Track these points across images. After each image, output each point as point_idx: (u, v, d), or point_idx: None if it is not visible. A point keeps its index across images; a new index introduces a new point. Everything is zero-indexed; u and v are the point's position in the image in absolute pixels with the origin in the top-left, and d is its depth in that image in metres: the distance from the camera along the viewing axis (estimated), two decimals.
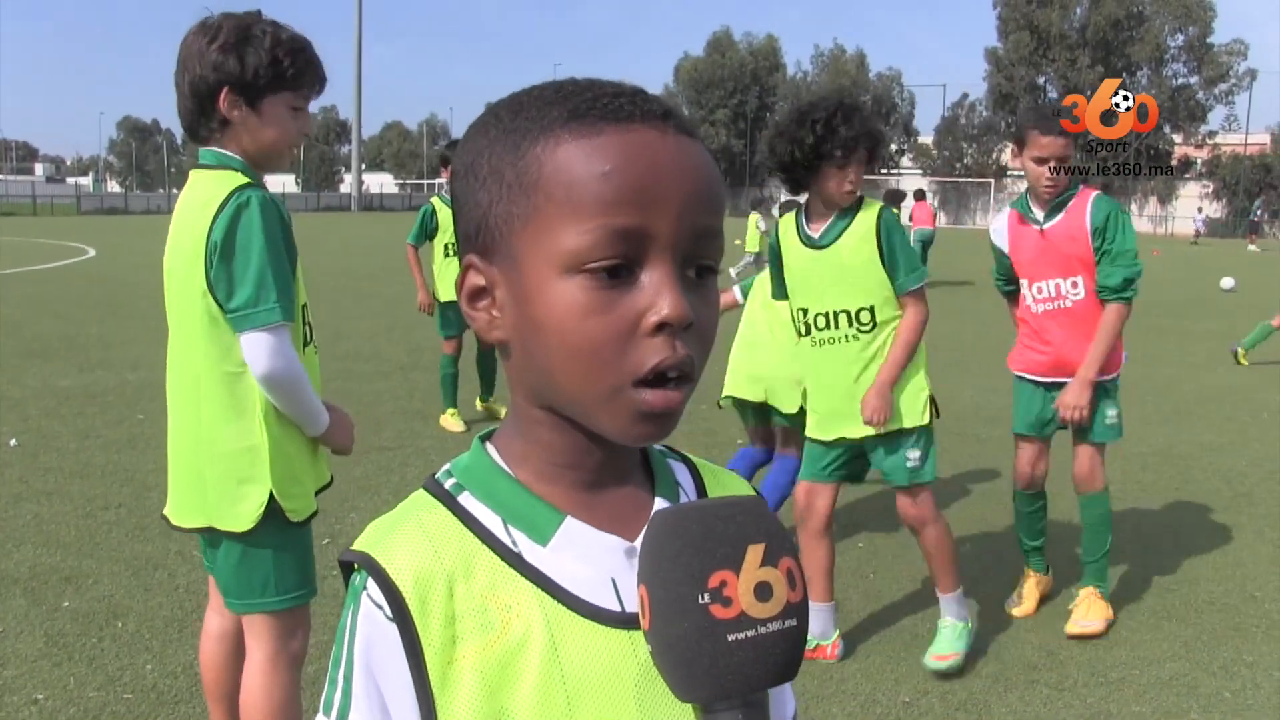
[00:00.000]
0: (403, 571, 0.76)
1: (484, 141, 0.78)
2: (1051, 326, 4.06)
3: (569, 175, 0.73)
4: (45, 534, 4.77)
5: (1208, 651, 3.87)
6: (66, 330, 11.06)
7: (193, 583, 4.22)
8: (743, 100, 72.39)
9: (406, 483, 5.55)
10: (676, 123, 0.76)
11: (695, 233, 0.74)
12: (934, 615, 4.10)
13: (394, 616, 0.75)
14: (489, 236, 0.77)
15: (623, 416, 0.74)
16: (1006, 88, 64.31)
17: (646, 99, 0.77)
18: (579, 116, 0.74)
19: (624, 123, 0.74)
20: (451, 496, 0.81)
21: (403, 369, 9.19)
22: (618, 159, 0.72)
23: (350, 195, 68.00)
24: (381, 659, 0.75)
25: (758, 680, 0.68)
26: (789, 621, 0.68)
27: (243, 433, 2.31)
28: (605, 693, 0.76)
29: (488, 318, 0.79)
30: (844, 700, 3.44)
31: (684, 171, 0.74)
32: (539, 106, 0.76)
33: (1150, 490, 5.99)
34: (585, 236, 0.72)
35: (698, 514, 0.70)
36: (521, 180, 0.75)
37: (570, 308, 0.72)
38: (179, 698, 3.30)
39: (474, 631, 0.75)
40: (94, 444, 6.38)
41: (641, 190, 0.72)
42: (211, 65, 2.24)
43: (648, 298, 0.72)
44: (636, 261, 0.73)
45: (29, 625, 3.81)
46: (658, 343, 0.72)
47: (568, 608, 0.77)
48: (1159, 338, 12.56)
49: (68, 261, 20.82)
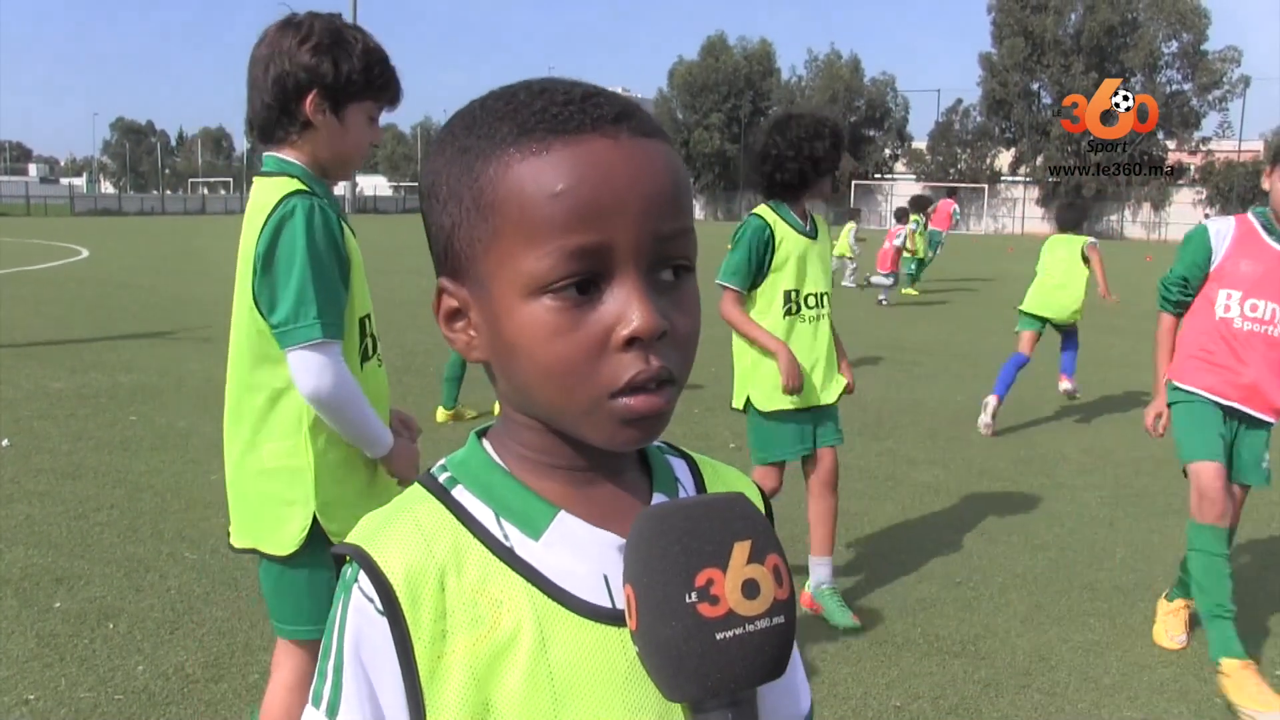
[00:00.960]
0: (394, 565, 0.75)
1: (441, 162, 0.78)
2: (1254, 349, 3.73)
3: (520, 198, 0.72)
4: (37, 535, 4.76)
5: (1199, 657, 3.87)
6: (59, 331, 11.03)
7: (184, 584, 4.21)
8: (737, 104, 72.37)
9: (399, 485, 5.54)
10: (631, 124, 0.74)
11: (659, 238, 0.73)
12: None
13: (384, 610, 0.75)
14: (456, 260, 0.77)
15: (606, 426, 0.74)
16: (1000, 93, 64.38)
17: (598, 103, 0.74)
18: (527, 132, 0.73)
19: (573, 134, 0.72)
20: (445, 490, 0.81)
21: (395, 371, 9.14)
22: (568, 176, 0.71)
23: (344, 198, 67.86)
24: (371, 652, 0.75)
25: (746, 678, 0.68)
26: (777, 619, 0.68)
27: (287, 451, 2.21)
28: (593, 689, 0.76)
29: (466, 339, 0.80)
30: (835, 704, 3.44)
31: (640, 179, 0.72)
32: (490, 122, 0.75)
33: (1145, 496, 6.00)
34: (543, 260, 0.71)
35: (683, 512, 0.70)
36: (479, 203, 0.74)
37: (538, 330, 0.72)
38: (170, 699, 3.30)
39: (464, 626, 0.75)
40: (86, 445, 6.36)
41: (595, 205, 0.71)
42: (303, 65, 2.15)
43: (615, 312, 0.72)
44: (601, 275, 0.72)
45: (20, 626, 3.80)
46: (629, 357, 0.72)
47: (557, 603, 0.77)
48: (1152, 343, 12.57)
49: (61, 262, 20.77)
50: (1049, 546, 5.07)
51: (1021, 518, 5.51)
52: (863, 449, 6.87)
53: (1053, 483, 6.21)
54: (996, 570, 4.71)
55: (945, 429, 7.55)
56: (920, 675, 3.65)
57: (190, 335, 10.91)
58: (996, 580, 4.58)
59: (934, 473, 6.34)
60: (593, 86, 0.77)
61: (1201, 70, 60.45)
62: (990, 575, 4.64)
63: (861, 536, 5.12)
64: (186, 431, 6.76)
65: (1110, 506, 5.78)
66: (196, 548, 4.64)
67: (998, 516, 5.52)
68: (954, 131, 67.35)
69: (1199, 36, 60.33)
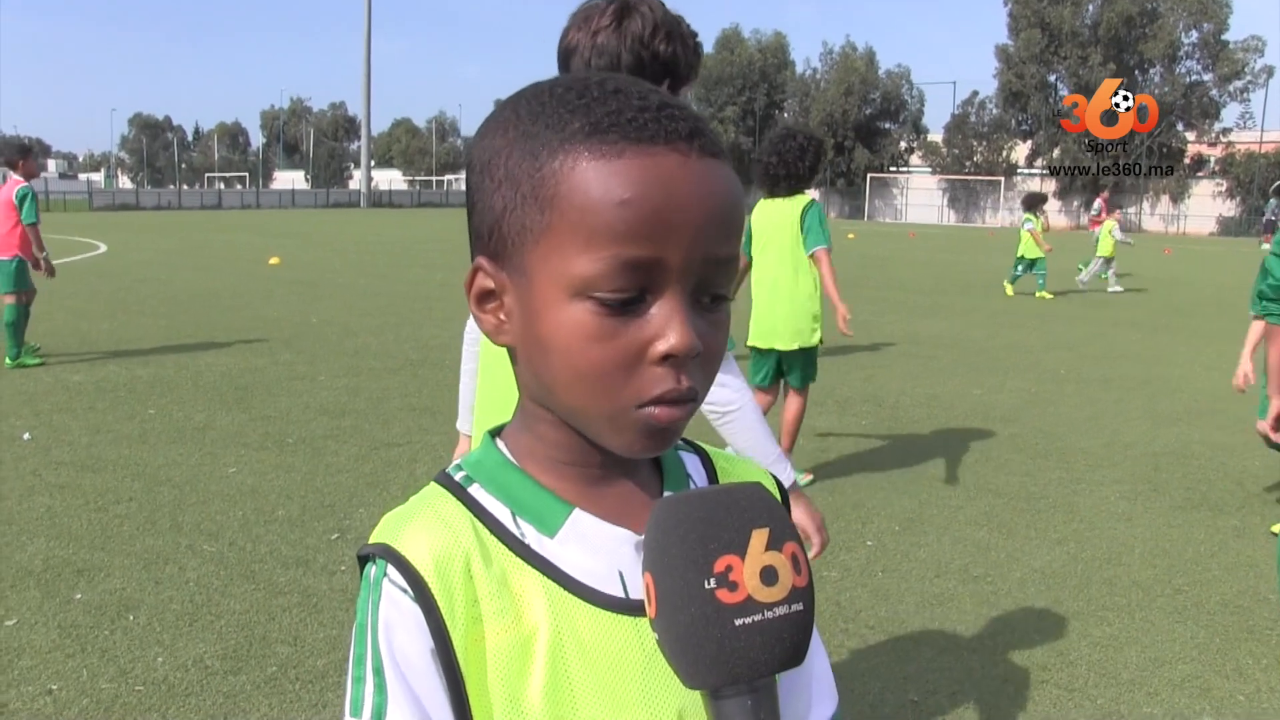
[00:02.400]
0: (421, 554, 0.75)
1: (501, 141, 0.77)
2: None
3: (584, 198, 0.71)
4: (58, 527, 4.79)
5: (1220, 654, 3.85)
6: (79, 325, 11.10)
7: (202, 577, 4.24)
8: (751, 98, 72.20)
9: (415, 479, 5.56)
10: (701, 142, 0.74)
11: (708, 261, 0.73)
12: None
13: (417, 597, 0.74)
14: (501, 243, 0.77)
15: (627, 434, 0.75)
16: (1017, 85, 64.03)
17: (673, 116, 0.74)
18: (600, 133, 0.72)
19: (646, 144, 0.72)
20: (462, 488, 0.81)
21: (411, 365, 9.19)
22: (636, 187, 0.71)
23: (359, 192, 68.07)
24: (407, 643, 0.74)
25: (765, 665, 0.68)
26: (795, 606, 0.68)
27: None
28: (612, 679, 0.77)
29: (495, 321, 0.79)
30: (852, 700, 3.43)
31: (703, 200, 0.73)
32: (560, 113, 0.74)
33: (1162, 491, 5.96)
34: (597, 264, 0.71)
35: (700, 500, 0.70)
36: (537, 193, 0.73)
37: (576, 331, 0.72)
38: (189, 690, 3.32)
39: (493, 615, 0.76)
40: (105, 438, 6.40)
41: (658, 221, 0.71)
42: (654, 55, 2.00)
43: (656, 327, 0.72)
44: (647, 290, 0.72)
45: (43, 617, 3.83)
46: (661, 372, 0.72)
47: (574, 595, 0.77)
48: (1170, 337, 12.52)
49: (80, 257, 20.88)
50: (1067, 541, 5.05)
51: (1040, 512, 5.48)
52: (880, 442, 6.86)
53: (1071, 477, 6.18)
54: (1014, 565, 4.69)
55: (962, 423, 7.52)
56: (938, 670, 3.64)
57: (207, 329, 10.96)
58: (1014, 575, 4.56)
59: (951, 467, 6.31)
60: (667, 95, 0.77)
61: (1223, 60, 59.91)
62: (1008, 570, 4.63)
63: (878, 529, 5.11)
64: (204, 425, 6.80)
65: (1129, 501, 5.75)
66: (214, 540, 4.66)
67: (1016, 511, 5.50)
68: (970, 124, 67.03)
69: (1220, 26, 59.79)
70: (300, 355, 9.57)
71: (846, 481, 5.92)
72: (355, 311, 12.75)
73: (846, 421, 7.45)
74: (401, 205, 67.16)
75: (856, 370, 9.61)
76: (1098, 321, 13.81)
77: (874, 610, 4.14)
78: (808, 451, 6.53)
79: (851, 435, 7.05)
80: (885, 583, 4.44)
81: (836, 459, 6.41)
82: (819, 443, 6.78)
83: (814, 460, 6.34)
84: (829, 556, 4.68)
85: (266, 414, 7.13)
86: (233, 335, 10.50)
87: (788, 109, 73.35)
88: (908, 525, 5.21)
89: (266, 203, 62.66)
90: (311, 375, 8.61)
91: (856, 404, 8.10)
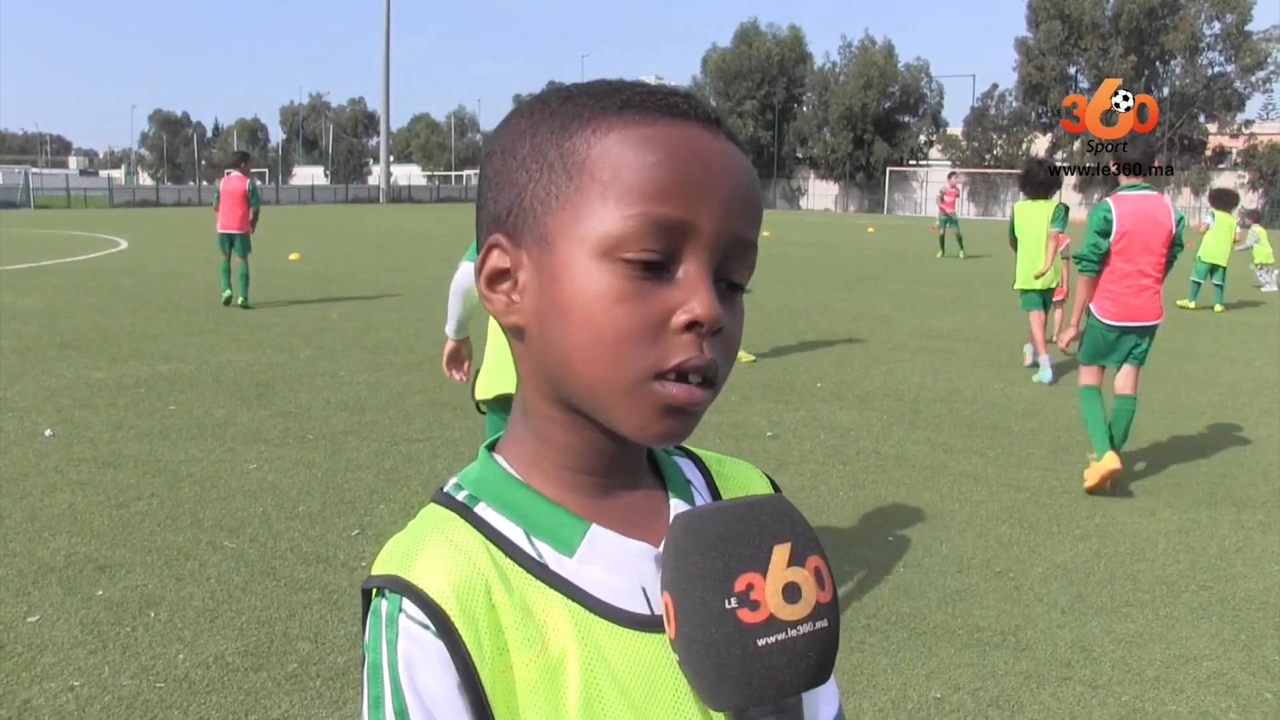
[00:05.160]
0: (440, 585, 0.71)
1: (526, 124, 0.77)
2: None
3: (618, 159, 0.71)
4: (80, 523, 4.82)
5: (1246, 650, 3.81)
6: (100, 322, 11.16)
7: (223, 573, 4.25)
8: (770, 91, 71.96)
9: (435, 474, 5.56)
10: (725, 129, 0.76)
11: (735, 238, 0.73)
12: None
13: (439, 634, 0.70)
14: (521, 216, 0.75)
15: (642, 410, 0.72)
16: (1037, 78, 63.57)
17: (700, 102, 0.76)
18: (634, 106, 0.74)
19: (678, 118, 0.74)
20: (468, 508, 0.77)
21: (432, 360, 9.20)
22: (669, 150, 0.71)
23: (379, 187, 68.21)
24: (431, 681, 0.70)
25: (790, 685, 0.66)
26: (820, 623, 0.66)
27: None
28: (644, 700, 0.74)
29: (506, 301, 0.77)
30: (875, 695, 3.41)
31: (732, 175, 0.73)
32: (592, 95, 0.76)
33: (1185, 484, 5.91)
34: (627, 223, 0.70)
35: (719, 515, 0.68)
36: (566, 160, 0.73)
37: (601, 292, 0.70)
38: (210, 687, 3.33)
39: (519, 644, 0.73)
40: (126, 435, 6.43)
41: (689, 184, 0.71)
42: None
43: (682, 294, 0.70)
44: (674, 256, 0.71)
45: (65, 613, 3.85)
46: (685, 340, 0.70)
47: (599, 616, 0.75)
48: (1192, 330, 12.40)
49: (101, 253, 21.03)
50: (1090, 536, 5.01)
51: (1062, 507, 5.44)
52: (901, 437, 6.82)
53: None
54: (1037, 560, 4.65)
55: (983, 417, 7.48)
56: (960, 666, 3.62)
57: (227, 325, 11.00)
58: (1037, 570, 4.53)
59: (972, 461, 6.27)
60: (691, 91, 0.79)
61: (1245, 51, 59.27)
62: (1030, 565, 4.59)
63: (901, 525, 5.08)
64: (224, 421, 6.82)
65: (1151, 495, 5.70)
66: (235, 536, 4.68)
67: (1038, 505, 5.46)
68: (989, 117, 66.63)
69: (1243, 17, 59.16)
70: (320, 351, 9.60)
71: (867, 477, 5.89)
72: (375, 306, 12.78)
73: (867, 416, 7.41)
74: (421, 200, 67.26)
75: (876, 365, 9.56)
76: None
77: (896, 606, 4.11)
78: (829, 447, 6.50)
79: (872, 430, 7.01)
80: (907, 578, 4.41)
81: (857, 454, 6.38)
82: (840, 438, 6.75)
83: (835, 455, 6.31)
84: (850, 552, 4.66)
85: (287, 410, 7.15)
86: (253, 331, 10.55)
87: (807, 103, 73.09)
88: (929, 520, 5.18)
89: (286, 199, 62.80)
90: (332, 371, 8.64)
91: (877, 398, 8.06)
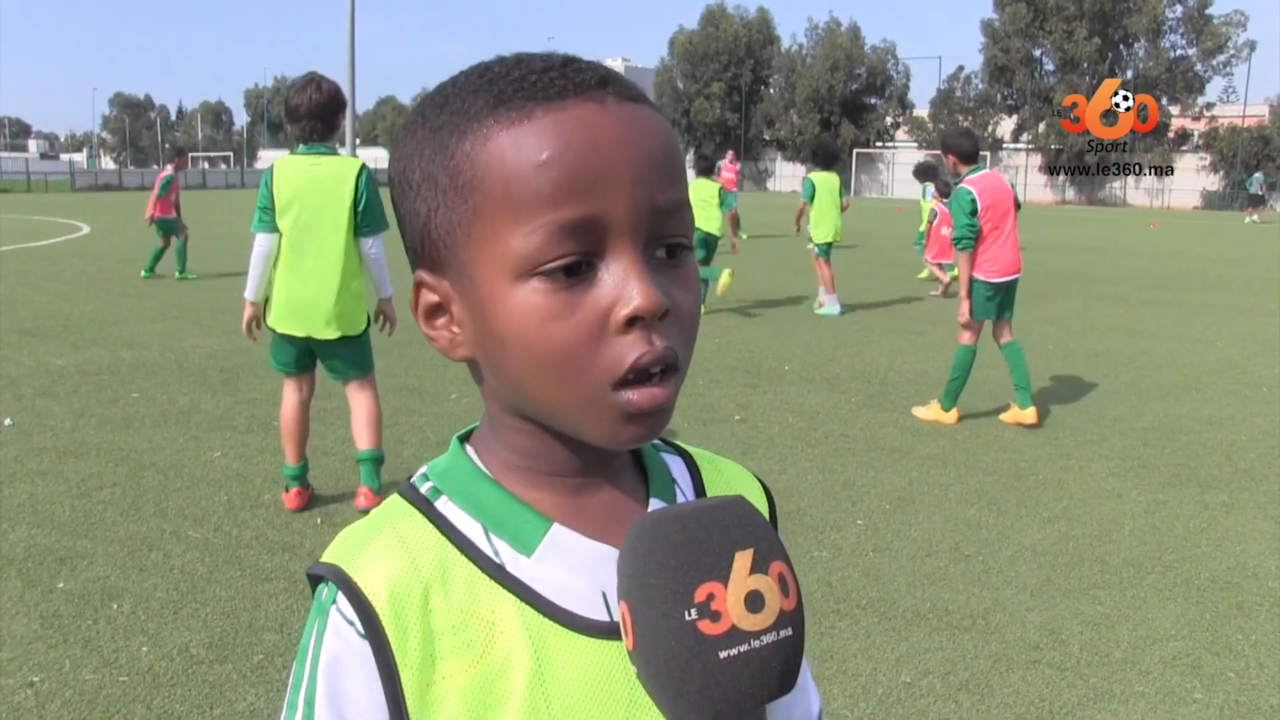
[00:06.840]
0: (376, 584, 0.70)
1: (412, 145, 0.72)
2: None
3: (502, 171, 0.66)
4: (40, 514, 4.73)
5: (1210, 630, 3.85)
6: (61, 308, 10.98)
7: (187, 564, 4.19)
8: (737, 74, 71.82)
9: (403, 461, 5.51)
10: (615, 89, 0.69)
11: (654, 209, 0.67)
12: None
13: (366, 634, 0.69)
14: (434, 249, 0.71)
15: (607, 422, 0.68)
16: (1002, 60, 63.75)
17: (579, 69, 0.69)
18: (505, 101, 0.67)
19: (555, 100, 0.67)
20: (428, 502, 0.75)
21: (397, 345, 9.11)
22: (553, 144, 0.65)
23: None
24: (350, 681, 0.69)
25: (753, 698, 0.63)
26: (784, 631, 0.63)
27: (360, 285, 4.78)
28: (594, 710, 0.71)
29: (449, 335, 0.73)
30: (844, 681, 3.42)
31: (631, 144, 0.67)
32: (463, 97, 0.70)
33: (1150, 466, 5.96)
34: (532, 237, 0.65)
35: (678, 521, 0.65)
36: (455, 183, 0.68)
37: (530, 314, 0.66)
38: (174, 680, 3.28)
39: (454, 651, 0.70)
40: (88, 423, 6.33)
41: (586, 175, 0.65)
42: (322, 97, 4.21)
43: (613, 291, 0.66)
44: (595, 254, 0.66)
45: (24, 607, 3.78)
46: (631, 338, 0.66)
47: (553, 620, 0.72)
48: (1156, 312, 12.53)
49: (62, 239, 20.70)
50: (1058, 519, 5.04)
51: (1030, 489, 5.48)
52: (869, 420, 6.84)
53: (1060, 453, 6.18)
54: (1005, 543, 4.68)
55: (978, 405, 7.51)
56: (930, 650, 3.63)
57: (191, 311, 10.85)
58: (1005, 553, 4.55)
59: (940, 444, 6.30)
60: (570, 55, 0.71)
61: (1206, 35, 59.76)
62: (999, 548, 4.61)
63: (868, 508, 5.09)
64: (188, 408, 6.73)
65: (1119, 478, 5.75)
66: (200, 526, 4.61)
67: (1006, 488, 5.49)
68: (955, 99, 66.81)
69: (1204, 1, 59.67)
70: None
71: (835, 460, 5.90)
72: None
73: (836, 399, 7.43)
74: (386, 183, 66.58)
75: (844, 347, 9.58)
76: (1083, 296, 13.82)
77: (865, 590, 4.12)
78: (797, 430, 6.51)
79: (840, 413, 7.02)
80: (876, 562, 4.42)
81: (826, 437, 6.39)
82: (808, 421, 6.76)
83: (804, 438, 6.32)
84: (819, 536, 4.67)
85: (252, 396, 7.06)
86: (218, 317, 10.39)
87: (774, 85, 73.04)
88: (898, 504, 5.19)
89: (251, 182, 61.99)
90: None
91: (845, 381, 8.07)
